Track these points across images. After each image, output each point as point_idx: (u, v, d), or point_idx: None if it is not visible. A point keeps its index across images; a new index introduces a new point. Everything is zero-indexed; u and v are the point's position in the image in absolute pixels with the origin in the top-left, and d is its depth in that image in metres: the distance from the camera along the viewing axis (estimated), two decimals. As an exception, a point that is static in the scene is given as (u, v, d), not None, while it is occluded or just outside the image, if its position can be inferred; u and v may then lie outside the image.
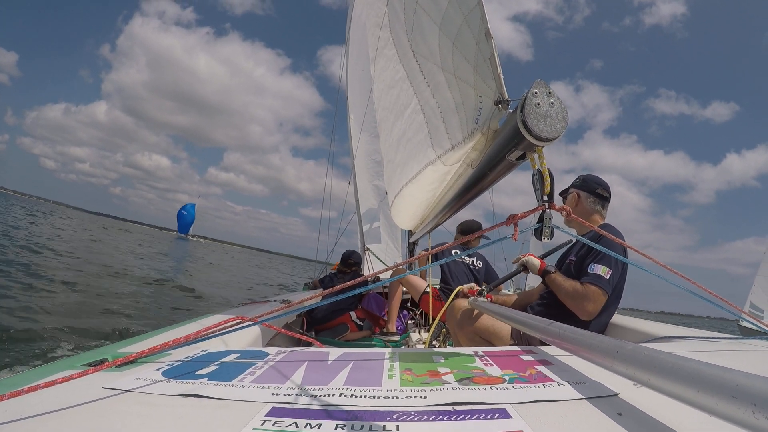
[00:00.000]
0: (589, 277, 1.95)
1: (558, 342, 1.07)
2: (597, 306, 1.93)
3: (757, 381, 0.47)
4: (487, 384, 0.84)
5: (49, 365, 1.01)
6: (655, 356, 0.65)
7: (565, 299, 2.00)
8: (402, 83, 1.78)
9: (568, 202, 2.29)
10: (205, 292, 10.24)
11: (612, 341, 0.80)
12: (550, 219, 1.13)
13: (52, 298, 6.37)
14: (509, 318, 1.55)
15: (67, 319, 5.33)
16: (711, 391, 0.51)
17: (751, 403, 0.45)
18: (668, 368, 0.60)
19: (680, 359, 0.60)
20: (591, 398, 0.75)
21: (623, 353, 0.73)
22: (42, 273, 7.94)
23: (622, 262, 1.97)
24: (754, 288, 14.45)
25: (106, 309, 6.37)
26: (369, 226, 6.71)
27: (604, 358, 0.79)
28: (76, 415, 0.70)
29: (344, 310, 3.92)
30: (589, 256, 2.03)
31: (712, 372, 0.53)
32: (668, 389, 0.60)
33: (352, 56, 6.21)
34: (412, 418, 0.68)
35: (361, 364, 1.03)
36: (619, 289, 2.05)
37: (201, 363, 1.03)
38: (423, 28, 1.54)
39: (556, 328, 1.08)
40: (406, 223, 2.80)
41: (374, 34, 2.05)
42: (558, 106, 0.98)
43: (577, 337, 0.95)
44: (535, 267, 2.22)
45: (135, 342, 1.26)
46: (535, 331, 1.23)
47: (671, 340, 1.63)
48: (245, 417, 0.69)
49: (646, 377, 0.64)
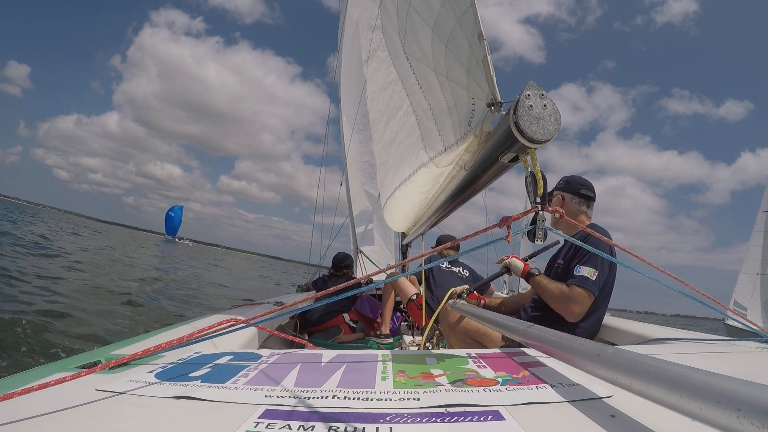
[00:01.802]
0: (575, 279, 1.95)
1: (538, 345, 1.06)
2: (583, 308, 1.94)
3: (740, 385, 0.46)
4: (480, 386, 0.84)
5: (41, 367, 1.00)
6: (636, 360, 0.65)
7: (551, 301, 2.00)
8: (394, 85, 1.78)
9: (552, 205, 2.30)
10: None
11: (593, 344, 0.80)
12: (543, 221, 1.14)
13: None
14: (487, 320, 1.54)
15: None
16: (694, 396, 0.50)
17: (735, 408, 0.44)
18: (650, 372, 0.60)
19: (663, 363, 0.60)
20: (584, 400, 0.75)
21: (604, 357, 0.73)
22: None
23: (609, 263, 1.98)
24: (738, 286, 14.66)
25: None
26: (363, 228, 6.71)
27: (585, 362, 0.79)
28: (69, 418, 0.70)
29: (337, 312, 3.91)
30: (576, 257, 2.04)
31: (694, 376, 0.52)
32: (650, 394, 0.59)
33: (345, 58, 6.22)
34: (406, 420, 0.68)
35: (355, 366, 1.03)
36: (608, 289, 2.06)
37: (194, 365, 1.03)
38: (416, 29, 1.55)
39: (536, 331, 1.08)
40: (399, 226, 2.80)
41: (367, 36, 2.05)
42: (551, 108, 0.99)
43: (558, 340, 0.95)
44: (518, 269, 2.21)
45: (128, 344, 1.25)
46: (514, 333, 1.22)
47: (664, 342, 1.64)
48: (238, 419, 0.69)
49: (627, 381, 0.64)
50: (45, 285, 7.37)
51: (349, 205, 6.89)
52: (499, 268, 2.40)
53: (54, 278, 8.35)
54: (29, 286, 7.09)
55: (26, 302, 5.82)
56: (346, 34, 5.73)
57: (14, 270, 8.00)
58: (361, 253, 6.41)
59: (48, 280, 8.00)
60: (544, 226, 1.14)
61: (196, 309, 8.28)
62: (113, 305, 7.06)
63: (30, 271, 8.44)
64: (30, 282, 7.41)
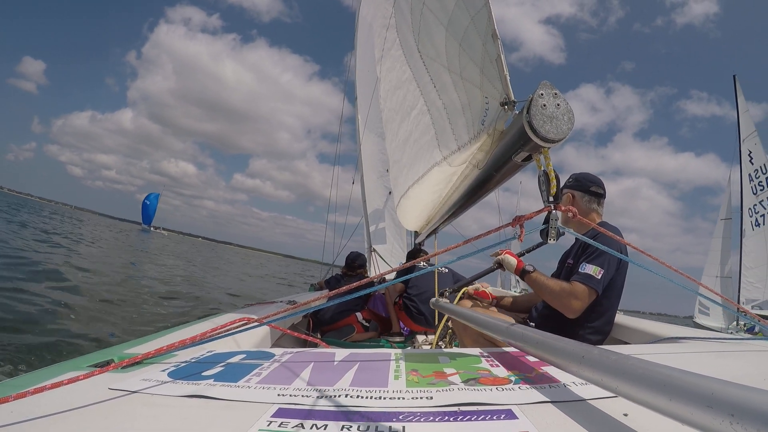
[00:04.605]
0: (579, 276, 1.92)
1: (520, 345, 1.04)
2: (583, 304, 1.90)
3: (734, 389, 0.44)
4: (493, 385, 0.84)
5: (54, 366, 1.01)
6: (623, 362, 0.63)
7: (549, 298, 1.97)
8: (408, 84, 1.78)
9: (561, 204, 2.26)
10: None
11: (578, 345, 0.79)
12: (556, 220, 1.13)
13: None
14: (468, 319, 1.53)
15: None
16: (684, 400, 0.48)
17: (728, 413, 0.42)
18: (637, 375, 0.58)
19: (651, 365, 0.58)
20: (597, 399, 0.74)
21: (589, 358, 0.71)
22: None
23: (617, 262, 1.94)
24: (701, 288, 15.25)
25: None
26: (374, 227, 6.71)
27: (569, 364, 0.78)
28: (82, 416, 0.70)
29: (350, 311, 3.93)
30: (584, 255, 2.01)
31: (684, 379, 0.50)
32: (638, 397, 0.57)
33: (360, 58, 6.23)
34: (419, 418, 0.68)
35: (367, 365, 1.03)
36: (618, 288, 2.02)
37: (207, 364, 1.04)
38: (430, 28, 1.54)
39: (519, 330, 1.05)
40: (411, 224, 2.80)
41: (381, 35, 2.05)
42: (564, 107, 0.98)
43: (541, 339, 0.93)
44: (511, 266, 2.15)
45: (141, 343, 1.26)
46: (496, 333, 1.20)
47: (677, 341, 1.62)
48: (251, 418, 0.69)
49: (614, 384, 0.63)
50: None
51: (364, 204, 6.90)
52: (492, 264, 2.33)
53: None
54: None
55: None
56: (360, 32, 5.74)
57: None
58: (375, 251, 6.42)
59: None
60: (558, 226, 1.13)
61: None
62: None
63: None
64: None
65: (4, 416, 0.68)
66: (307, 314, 3.37)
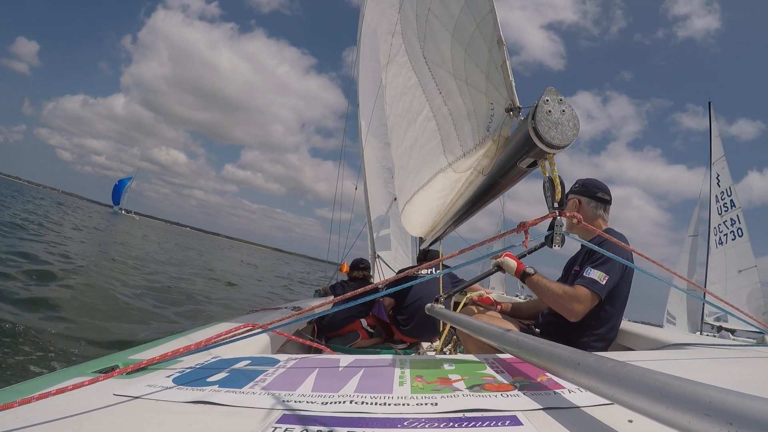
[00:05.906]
0: (583, 280, 1.90)
1: (515, 351, 1.03)
2: (585, 308, 1.87)
3: (732, 397, 0.43)
4: (497, 391, 0.84)
5: (59, 372, 1.01)
6: (619, 369, 0.62)
7: (551, 301, 1.95)
8: (414, 90, 1.78)
9: (567, 209, 2.24)
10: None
11: (574, 352, 0.78)
12: (561, 226, 1.13)
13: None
14: (462, 324, 1.51)
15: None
16: (681, 408, 0.47)
17: (726, 422, 0.42)
18: (634, 382, 0.57)
19: (648, 372, 0.57)
20: (601, 405, 0.74)
21: (585, 365, 0.70)
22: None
23: (623, 268, 1.92)
24: (670, 299, 15.99)
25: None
26: (377, 234, 6.70)
27: (565, 371, 0.77)
28: (86, 422, 0.70)
29: (355, 318, 3.91)
30: (589, 261, 1.99)
31: (682, 386, 0.50)
32: (635, 405, 0.57)
33: (363, 63, 6.25)
34: (423, 425, 0.68)
35: (372, 371, 1.03)
36: (624, 295, 2.01)
37: (212, 370, 1.04)
38: (435, 35, 1.55)
39: (514, 336, 1.04)
40: (416, 230, 2.79)
41: (386, 41, 2.06)
42: (569, 113, 0.98)
43: (536, 345, 0.92)
44: (511, 268, 2.12)
45: (146, 349, 1.26)
46: (491, 339, 1.18)
47: (682, 348, 1.61)
48: (256, 424, 0.69)
49: (610, 391, 0.62)
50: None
51: (368, 211, 6.89)
52: (491, 266, 2.28)
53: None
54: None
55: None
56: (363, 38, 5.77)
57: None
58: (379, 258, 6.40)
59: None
60: (563, 232, 1.13)
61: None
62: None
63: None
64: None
65: (9, 422, 0.68)
66: (312, 320, 3.36)
